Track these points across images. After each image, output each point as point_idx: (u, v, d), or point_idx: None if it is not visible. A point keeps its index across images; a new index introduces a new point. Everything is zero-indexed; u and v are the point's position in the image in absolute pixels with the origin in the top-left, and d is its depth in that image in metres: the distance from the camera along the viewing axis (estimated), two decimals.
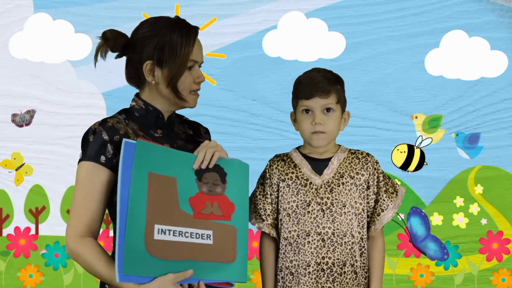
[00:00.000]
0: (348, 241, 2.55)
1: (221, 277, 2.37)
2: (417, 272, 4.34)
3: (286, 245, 2.57)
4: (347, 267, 2.55)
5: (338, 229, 2.55)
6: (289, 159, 2.63)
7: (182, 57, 2.39)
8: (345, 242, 2.55)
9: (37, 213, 4.37)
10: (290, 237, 2.56)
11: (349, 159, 2.61)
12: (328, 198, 2.55)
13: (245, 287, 3.75)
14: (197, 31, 2.45)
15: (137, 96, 2.49)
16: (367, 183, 2.60)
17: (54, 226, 4.37)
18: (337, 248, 2.54)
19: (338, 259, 2.54)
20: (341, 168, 2.60)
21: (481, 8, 4.34)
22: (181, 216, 2.31)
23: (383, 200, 2.60)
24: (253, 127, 4.37)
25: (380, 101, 4.36)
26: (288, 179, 2.59)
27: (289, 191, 2.58)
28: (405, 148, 4.35)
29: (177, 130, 2.53)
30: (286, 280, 2.57)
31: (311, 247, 2.54)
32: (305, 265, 2.54)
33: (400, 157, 4.35)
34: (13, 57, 4.38)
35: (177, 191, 2.32)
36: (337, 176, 2.58)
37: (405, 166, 4.35)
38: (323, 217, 2.54)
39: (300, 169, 2.60)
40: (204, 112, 4.20)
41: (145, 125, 2.46)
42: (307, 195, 2.56)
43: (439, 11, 4.36)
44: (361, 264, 2.58)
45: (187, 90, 2.44)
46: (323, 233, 2.54)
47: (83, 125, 3.21)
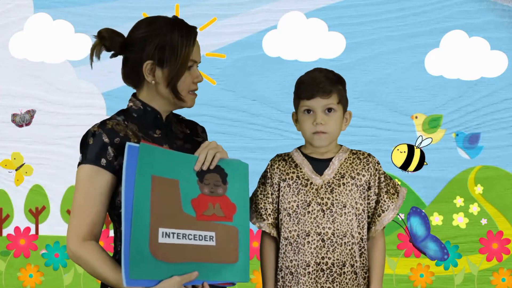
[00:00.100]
0: (348, 242, 2.55)
1: (224, 277, 2.38)
2: (417, 272, 4.34)
3: (286, 245, 2.57)
4: (347, 267, 2.55)
5: (338, 229, 2.54)
6: (290, 159, 2.63)
7: (183, 57, 2.39)
8: (345, 242, 2.55)
9: (37, 213, 4.37)
10: (290, 237, 2.56)
11: (350, 160, 2.61)
12: (328, 198, 2.55)
13: (245, 286, 3.74)
14: (197, 31, 2.45)
15: (134, 97, 2.48)
16: (368, 183, 2.60)
17: (54, 226, 4.37)
18: (337, 248, 2.54)
19: (338, 259, 2.54)
20: (342, 168, 2.59)
21: (481, 8, 4.34)
22: (184, 218, 2.31)
23: (384, 201, 2.60)
24: (253, 127, 4.37)
25: (380, 101, 4.35)
26: (289, 179, 2.59)
27: (289, 191, 2.58)
28: (405, 148, 4.35)
29: (175, 130, 2.52)
30: (286, 280, 2.57)
31: (310, 247, 2.54)
32: (304, 265, 2.54)
33: (400, 157, 4.35)
34: (13, 57, 4.37)
35: (179, 193, 2.32)
36: (338, 176, 2.58)
37: (405, 166, 4.35)
38: (323, 217, 2.54)
39: (301, 169, 2.60)
40: (204, 112, 4.20)
41: (143, 125, 2.44)
42: (307, 195, 2.56)
43: (439, 11, 4.36)
44: (360, 264, 2.58)
45: (186, 90, 2.44)
46: (323, 233, 2.54)
47: (83, 125, 3.21)
